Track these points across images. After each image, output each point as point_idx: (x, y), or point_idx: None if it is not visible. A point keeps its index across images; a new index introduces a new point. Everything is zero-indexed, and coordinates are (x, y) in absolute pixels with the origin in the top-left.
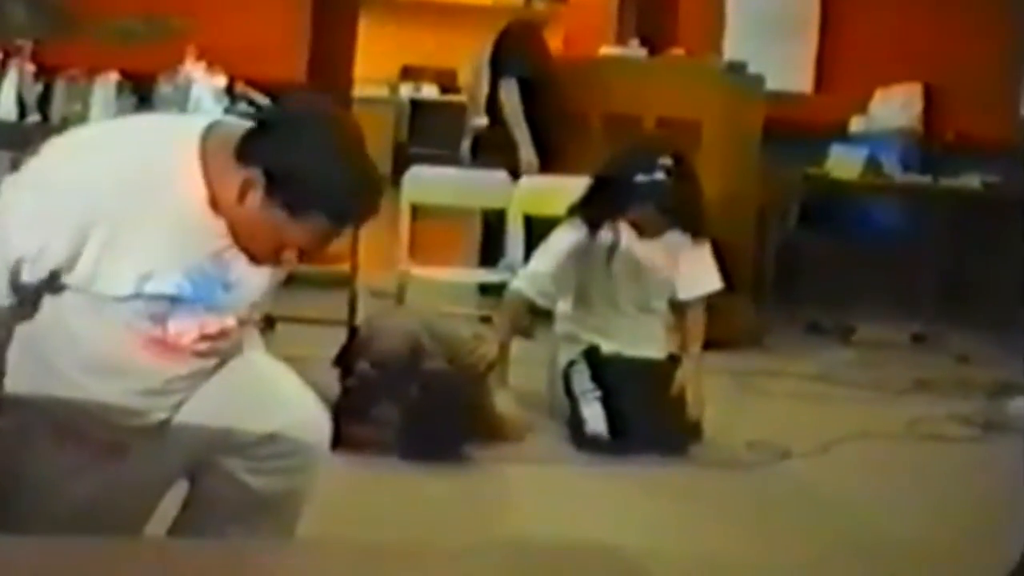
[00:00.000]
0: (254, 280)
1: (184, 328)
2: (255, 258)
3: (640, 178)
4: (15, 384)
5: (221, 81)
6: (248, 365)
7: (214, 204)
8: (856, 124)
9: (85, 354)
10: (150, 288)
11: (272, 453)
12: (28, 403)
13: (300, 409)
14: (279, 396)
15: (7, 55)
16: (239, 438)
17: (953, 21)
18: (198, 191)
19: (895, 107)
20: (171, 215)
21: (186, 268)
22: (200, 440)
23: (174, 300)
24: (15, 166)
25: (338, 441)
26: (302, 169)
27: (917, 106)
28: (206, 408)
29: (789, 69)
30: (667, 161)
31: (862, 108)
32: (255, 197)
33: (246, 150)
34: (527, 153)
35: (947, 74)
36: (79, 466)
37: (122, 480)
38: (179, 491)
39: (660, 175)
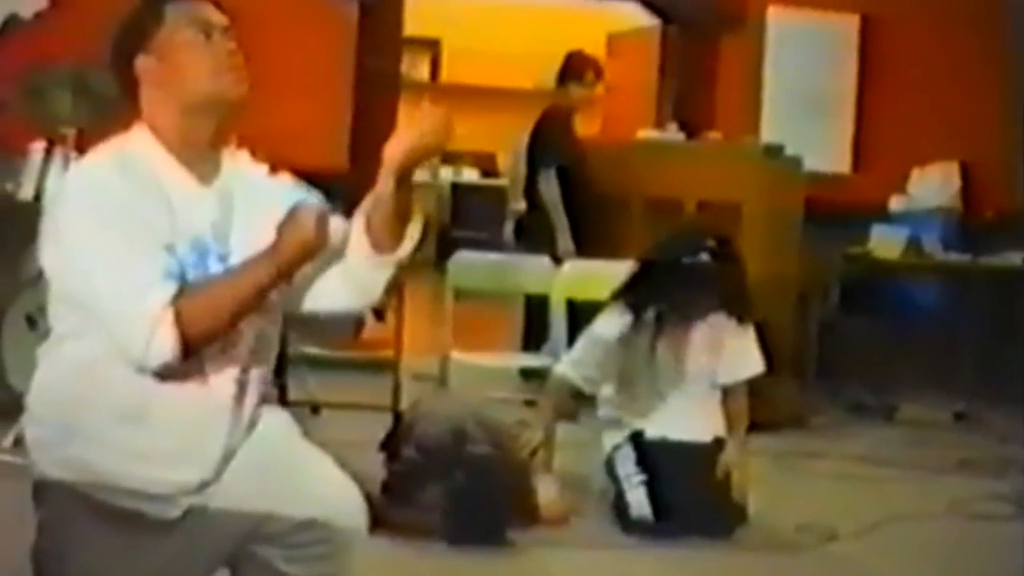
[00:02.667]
0: (250, 247)
1: None
2: (230, 87)
3: (685, 261)
4: (39, 443)
5: (263, 168)
6: (280, 450)
7: (193, 171)
8: (896, 203)
9: (115, 397)
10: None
11: (309, 540)
12: (67, 490)
13: (336, 493)
14: (314, 481)
15: (51, 144)
16: (275, 527)
17: (988, 99)
18: (173, 166)
19: (933, 186)
20: (165, 196)
21: (192, 240)
22: (236, 530)
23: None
24: None
25: (383, 525)
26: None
27: (955, 184)
28: (241, 496)
29: (827, 150)
30: (712, 244)
31: (901, 187)
32: (163, 71)
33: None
34: (564, 241)
35: (984, 152)
36: (122, 553)
37: (164, 570)
38: None
39: (706, 258)
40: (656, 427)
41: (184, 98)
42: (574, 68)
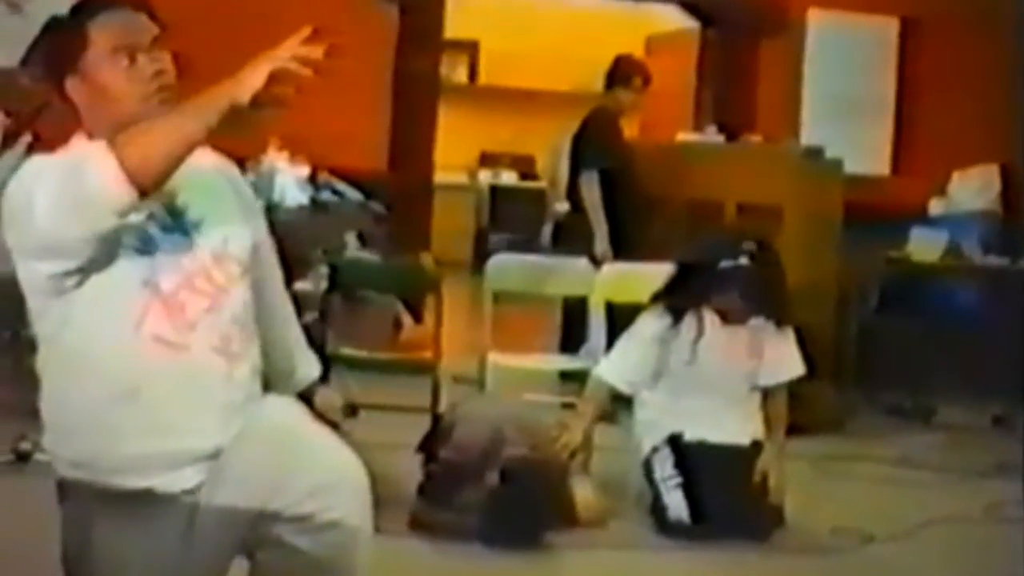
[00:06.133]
0: (216, 217)
1: (174, 282)
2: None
3: (724, 264)
4: (52, 447)
5: (304, 170)
6: (284, 425)
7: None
8: (935, 206)
9: (105, 380)
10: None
11: (316, 510)
12: (85, 484)
13: (339, 462)
14: (317, 451)
15: None
16: (283, 501)
17: None
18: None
19: (973, 189)
20: None
21: (147, 214)
22: (247, 512)
23: (150, 251)
24: None
25: (421, 526)
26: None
27: (995, 187)
28: (248, 480)
29: (866, 152)
30: (751, 247)
31: (941, 190)
32: (88, 85)
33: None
34: (602, 244)
35: None
36: (142, 543)
37: (183, 559)
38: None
39: (744, 261)
40: (694, 429)
41: (113, 120)
42: (622, 72)
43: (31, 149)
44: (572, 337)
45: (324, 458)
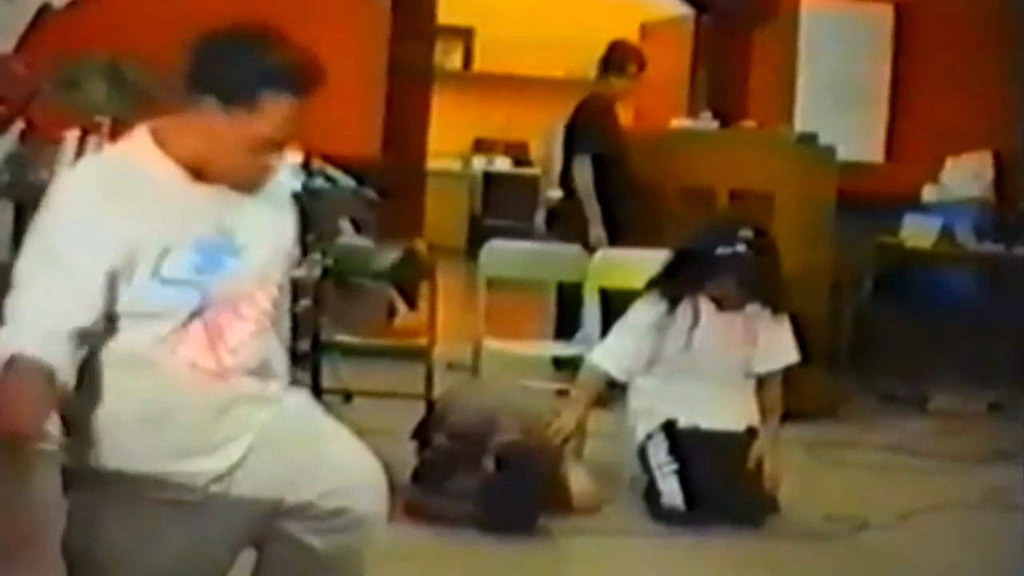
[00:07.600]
0: (260, 241)
1: (218, 308)
2: (244, 177)
3: (721, 251)
4: (69, 450)
5: (297, 156)
6: (301, 425)
7: (194, 174)
8: (928, 193)
9: (136, 404)
10: (168, 268)
11: (332, 511)
12: (93, 476)
13: (356, 465)
14: (334, 453)
15: (85, 132)
16: (298, 500)
17: (1022, 88)
18: (169, 170)
19: (967, 176)
20: (156, 199)
21: (195, 241)
22: (260, 507)
23: (196, 278)
24: None
25: (415, 513)
26: (240, 65)
27: (989, 174)
28: (264, 472)
29: (860, 139)
30: (748, 234)
31: (934, 177)
32: (216, 118)
33: (194, 82)
34: (596, 230)
35: (1018, 142)
36: (149, 537)
37: (191, 550)
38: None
39: (741, 248)
40: (689, 416)
41: (201, 155)
42: (616, 58)
43: (24, 135)
44: (566, 323)
45: (345, 459)
